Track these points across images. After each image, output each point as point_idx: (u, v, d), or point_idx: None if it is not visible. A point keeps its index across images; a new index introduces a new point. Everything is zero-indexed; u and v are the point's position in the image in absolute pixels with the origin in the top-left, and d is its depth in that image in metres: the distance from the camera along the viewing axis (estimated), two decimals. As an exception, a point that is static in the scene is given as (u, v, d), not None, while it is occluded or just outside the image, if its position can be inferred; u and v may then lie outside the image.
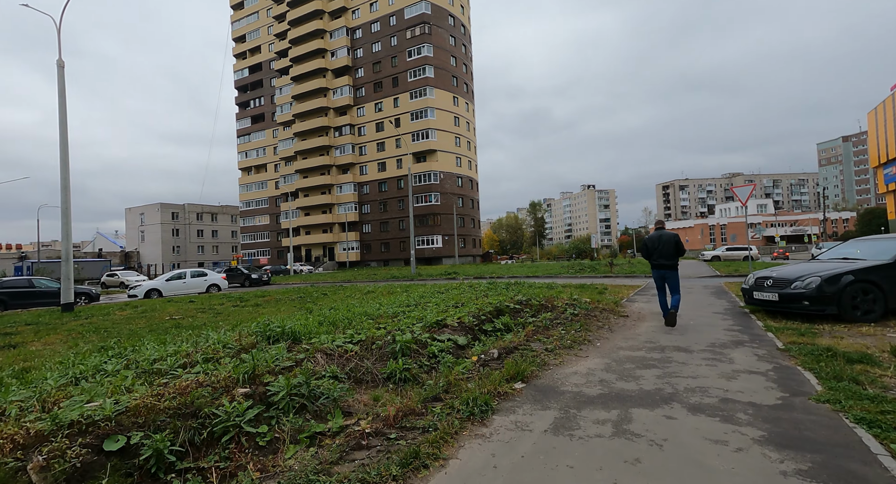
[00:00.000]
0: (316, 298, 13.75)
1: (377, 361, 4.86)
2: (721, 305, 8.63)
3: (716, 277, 17.83)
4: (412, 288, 14.95)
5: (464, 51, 60.72)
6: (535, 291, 10.73)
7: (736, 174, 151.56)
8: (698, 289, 12.37)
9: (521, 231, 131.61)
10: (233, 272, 29.18)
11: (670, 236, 6.86)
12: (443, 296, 10.33)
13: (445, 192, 55.33)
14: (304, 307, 9.97)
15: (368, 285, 18.94)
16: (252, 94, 71.49)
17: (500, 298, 8.39)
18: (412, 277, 25.88)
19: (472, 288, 12.00)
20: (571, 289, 12.02)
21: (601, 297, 9.78)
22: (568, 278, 20.07)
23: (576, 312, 7.16)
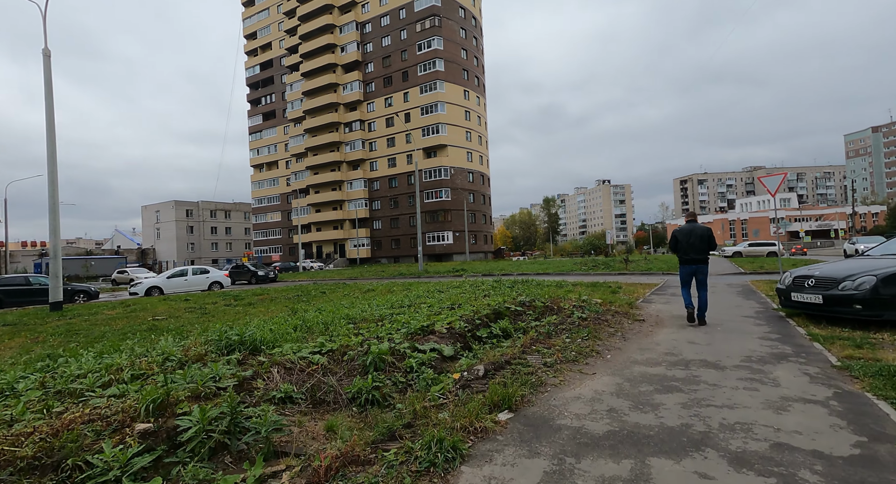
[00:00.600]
0: (313, 297, 13.13)
1: (345, 376, 4.12)
2: (751, 307, 7.66)
3: (740, 275, 16.65)
4: (414, 286, 14.22)
5: (475, 43, 59.54)
6: (542, 290, 9.88)
7: (757, 167, 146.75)
8: (722, 287, 11.33)
9: (534, 227, 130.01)
10: (239, 269, 28.92)
11: (702, 230, 6.45)
12: (441, 295, 9.58)
13: (456, 188, 54.45)
14: (294, 307, 9.32)
15: (372, 283, 18.30)
16: (263, 91, 71.58)
17: (502, 299, 7.59)
18: (419, 274, 25.19)
19: (476, 287, 11.21)
20: (582, 288, 11.13)
21: (614, 297, 8.88)
22: (580, 276, 19.08)
23: (584, 316, 6.31)
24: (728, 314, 7.02)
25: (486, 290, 10.26)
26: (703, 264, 6.44)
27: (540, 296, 7.82)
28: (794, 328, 5.68)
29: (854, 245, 22.69)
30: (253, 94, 72.94)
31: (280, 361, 4.11)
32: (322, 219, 62.50)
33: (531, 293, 8.17)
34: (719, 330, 5.78)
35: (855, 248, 22.30)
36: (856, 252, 22.31)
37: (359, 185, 61.23)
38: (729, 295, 9.64)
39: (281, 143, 69.66)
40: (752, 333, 5.54)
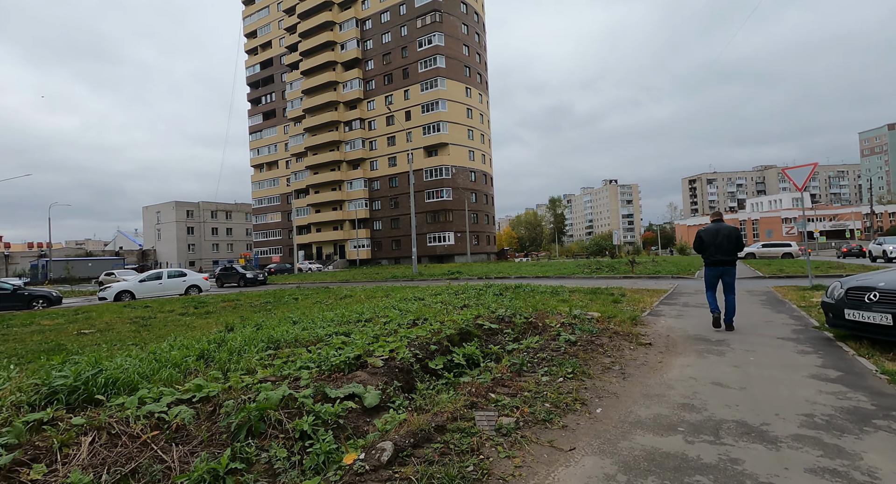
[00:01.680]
0: (282, 304, 11.83)
1: (205, 444, 2.77)
2: (784, 323, 6.21)
3: (759, 279, 15.09)
4: (397, 291, 12.89)
5: (477, 40, 58.17)
6: (533, 299, 8.49)
7: (769, 167, 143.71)
8: (742, 295, 9.84)
9: (540, 228, 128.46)
10: (227, 272, 27.79)
11: (730, 230, 6.09)
12: (417, 305, 8.23)
13: (458, 188, 53.09)
14: (232, 322, 8.01)
15: (357, 287, 16.98)
16: (264, 90, 70.81)
17: (477, 312, 6.21)
18: (412, 276, 23.85)
19: (457, 294, 9.84)
20: (580, 295, 9.71)
21: (615, 309, 7.46)
22: (581, 280, 17.61)
23: (573, 339, 4.90)
24: (759, 333, 5.58)
25: (468, 298, 8.89)
26: (731, 266, 6.04)
27: (524, 309, 6.41)
28: (855, 360, 4.23)
29: (881, 245, 20.97)
30: (253, 93, 72.20)
31: (106, 423, 2.77)
32: (322, 219, 61.47)
33: (514, 306, 6.78)
34: (753, 361, 4.34)
35: (882, 248, 20.59)
36: (884, 254, 20.60)
37: (359, 185, 60.11)
38: (753, 305, 8.16)
39: (281, 143, 68.79)
40: (800, 366, 4.11)
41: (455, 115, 53.71)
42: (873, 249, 21.69)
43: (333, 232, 61.20)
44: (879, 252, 20.98)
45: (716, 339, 5.28)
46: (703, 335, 5.50)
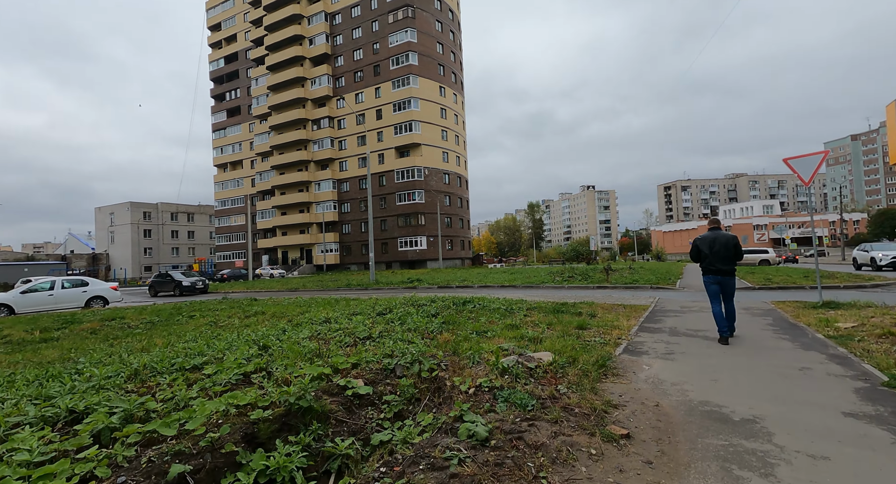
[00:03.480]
0: (169, 325, 9.22)
1: None
2: (831, 375, 4.11)
3: (749, 290, 13.26)
4: (321, 306, 10.47)
5: (451, 38, 56.35)
6: (475, 323, 6.21)
7: (740, 175, 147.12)
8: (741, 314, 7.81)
9: (519, 233, 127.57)
10: (161, 280, 24.68)
11: (727, 238, 5.80)
12: (306, 332, 5.86)
13: (430, 190, 50.85)
14: (41, 356, 5.44)
15: (291, 298, 14.40)
16: (228, 85, 67.18)
17: (363, 356, 3.86)
18: (367, 285, 21.35)
19: (383, 314, 7.50)
20: (539, 315, 7.51)
21: (578, 342, 5.24)
22: (550, 290, 15.50)
23: (484, 433, 2.58)
24: (807, 400, 3.39)
25: (390, 320, 6.57)
26: (731, 276, 5.73)
27: (422, 355, 4.08)
28: None
29: (868, 252, 19.63)
30: (217, 88, 68.44)
31: None
32: (288, 222, 58.21)
33: (417, 349, 4.44)
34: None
35: (870, 255, 19.24)
36: (871, 261, 19.28)
37: (327, 187, 57.17)
38: (765, 333, 6.08)
39: (246, 141, 65.24)
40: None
41: (428, 115, 51.59)
42: (858, 255, 20.45)
43: (300, 235, 57.97)
44: (866, 259, 19.70)
45: (741, 415, 3.07)
46: (715, 405, 3.29)
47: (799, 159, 8.62)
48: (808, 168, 8.50)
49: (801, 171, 8.58)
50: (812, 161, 8.45)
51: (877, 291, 12.24)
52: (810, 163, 8.48)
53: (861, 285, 13.11)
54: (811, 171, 8.46)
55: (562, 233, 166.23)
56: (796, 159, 8.64)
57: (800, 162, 8.60)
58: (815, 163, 8.41)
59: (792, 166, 8.67)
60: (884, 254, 18.45)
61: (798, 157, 8.63)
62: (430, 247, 50.53)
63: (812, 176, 8.47)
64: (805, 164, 8.55)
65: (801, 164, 8.60)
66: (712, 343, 5.45)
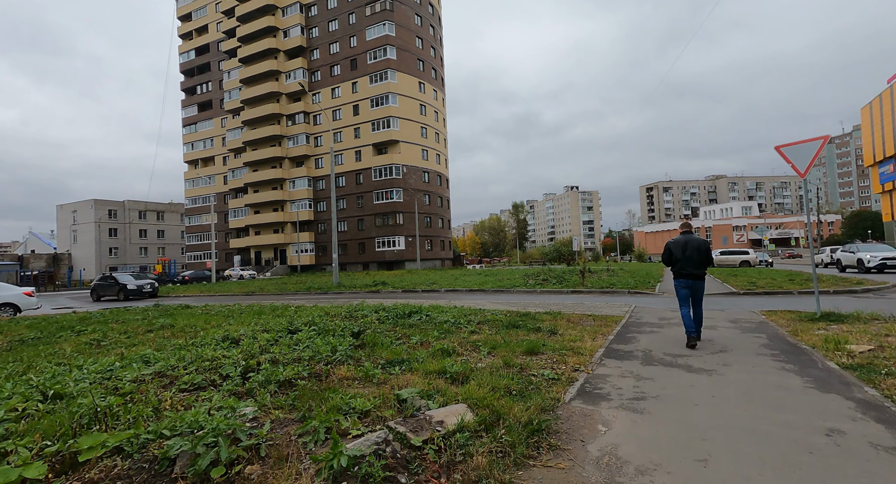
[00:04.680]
0: (35, 346, 7.52)
1: None
2: (853, 429, 2.80)
3: (733, 296, 12.12)
4: (247, 317, 8.90)
5: (432, 33, 54.86)
6: (400, 347, 4.74)
7: (719, 176, 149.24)
8: (727, 329, 6.57)
9: (503, 233, 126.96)
10: (105, 283, 22.59)
11: (699, 242, 5.70)
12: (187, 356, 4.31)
13: (409, 189, 49.25)
14: None
15: (232, 303, 12.70)
16: (199, 78, 64.37)
17: (136, 433, 2.35)
18: (329, 289, 19.72)
19: (294, 332, 5.98)
20: (491, 330, 6.09)
21: (520, 379, 3.84)
22: (521, 295, 14.16)
23: None
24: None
25: (288, 344, 5.06)
26: (701, 280, 5.70)
27: (261, 421, 2.59)
28: None
29: (855, 254, 18.78)
30: (188, 81, 65.56)
31: None
32: (261, 221, 55.90)
33: (227, 425, 2.93)
34: None
35: (857, 257, 18.39)
36: (858, 263, 18.43)
37: (302, 184, 55.09)
38: (761, 361, 4.76)
39: (218, 137, 62.56)
40: None
41: (407, 111, 50.01)
42: (843, 257, 19.64)
43: (274, 235, 55.75)
44: (852, 261, 18.86)
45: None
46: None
47: (793, 147, 7.39)
48: (805, 157, 7.28)
49: (795, 160, 7.36)
50: (808, 148, 7.23)
51: (869, 296, 11.21)
52: (807, 151, 7.25)
53: (852, 290, 12.10)
54: (808, 161, 7.24)
55: (546, 233, 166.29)
56: (790, 147, 7.41)
57: (794, 150, 7.37)
58: (812, 151, 7.19)
59: (785, 155, 7.44)
60: (872, 255, 17.60)
61: (792, 145, 7.41)
62: (409, 247, 48.96)
63: (809, 166, 7.25)
64: (800, 152, 7.32)
65: (795, 152, 7.37)
66: (697, 378, 4.09)
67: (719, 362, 4.63)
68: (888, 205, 54.62)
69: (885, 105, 50.94)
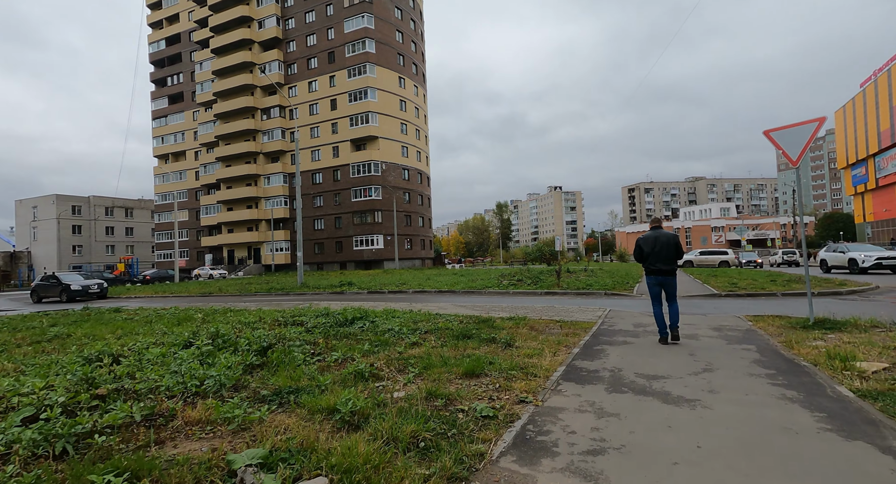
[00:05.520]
0: None
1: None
2: None
3: (714, 298, 11.34)
4: (162, 326, 7.65)
5: (412, 27, 53.64)
6: (268, 380, 3.60)
7: (699, 178, 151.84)
8: (709, 339, 5.67)
9: (487, 233, 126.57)
10: (46, 283, 20.78)
11: (669, 237, 5.69)
12: None
13: (388, 186, 47.95)
14: None
15: (171, 306, 11.36)
16: (170, 69, 61.74)
17: None
18: (291, 290, 18.40)
19: (187, 346, 4.79)
20: (425, 347, 5.02)
21: (438, 416, 2.75)
22: (492, 296, 13.18)
23: None
24: None
25: (183, 362, 3.89)
26: (672, 275, 5.62)
27: None
28: None
29: (845, 254, 17.94)
30: (158, 72, 62.83)
31: None
32: (234, 218, 53.85)
33: None
34: None
35: (848, 257, 17.61)
36: (851, 264, 17.65)
37: (277, 181, 53.25)
38: (754, 385, 3.82)
39: (190, 131, 60.12)
40: None
41: (386, 107, 48.71)
42: (830, 257, 18.81)
43: (248, 233, 53.80)
44: (842, 261, 17.99)
45: None
46: None
47: (784, 131, 6.53)
48: (797, 142, 6.42)
49: (786, 145, 6.50)
50: (801, 133, 6.37)
51: (855, 298, 10.57)
52: (799, 135, 6.40)
53: (836, 292, 11.47)
54: (800, 146, 6.38)
55: (529, 233, 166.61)
56: (781, 131, 6.55)
57: (785, 134, 6.51)
58: (805, 135, 6.34)
59: (774, 140, 6.58)
60: (866, 255, 16.84)
61: (783, 129, 6.55)
62: (388, 246, 47.68)
63: (802, 152, 6.39)
64: (792, 137, 6.47)
65: (786, 136, 6.51)
66: (676, 413, 3.11)
67: (704, 387, 3.65)
68: (860, 207, 55.83)
69: (857, 109, 51.99)
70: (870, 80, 46.97)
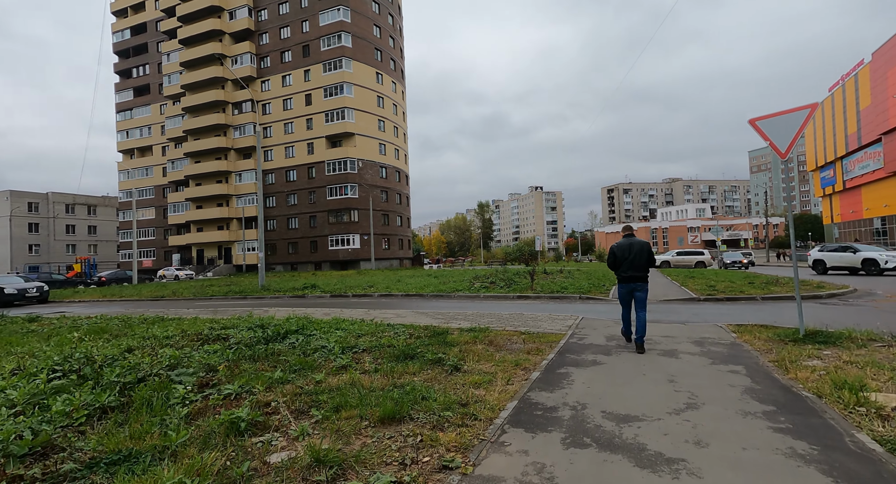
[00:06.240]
0: None
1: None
2: None
3: (693, 302, 10.71)
4: (35, 343, 6.46)
5: (391, 21, 52.41)
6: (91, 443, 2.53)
7: (675, 179, 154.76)
8: (687, 356, 4.91)
9: (469, 232, 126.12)
10: (-23, 285, 18.87)
11: (642, 245, 5.74)
12: None
13: (365, 184, 46.63)
14: None
15: (96, 313, 10.06)
16: (135, 60, 58.83)
17: None
18: (250, 293, 17.13)
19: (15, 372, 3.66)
20: (350, 374, 4.04)
21: (358, 455, 1.79)
22: (460, 300, 12.29)
23: None
24: None
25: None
26: (643, 282, 5.72)
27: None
28: None
29: (857, 254, 16.98)
30: (122, 63, 59.80)
31: None
32: (204, 217, 51.57)
33: None
34: None
35: (863, 257, 16.62)
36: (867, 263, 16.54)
37: (250, 178, 51.22)
38: (748, 430, 3.01)
39: (157, 125, 57.38)
40: None
41: (363, 103, 47.35)
42: (830, 258, 17.56)
43: (218, 232, 51.57)
44: (849, 263, 16.89)
45: None
46: None
47: (771, 120, 5.82)
48: (786, 132, 5.71)
49: (774, 136, 5.79)
50: (790, 121, 5.66)
51: (836, 303, 10.09)
52: (788, 124, 5.68)
53: (816, 295, 11.01)
54: (790, 137, 5.68)
55: (511, 233, 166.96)
56: (768, 119, 5.84)
57: (773, 123, 5.79)
58: (795, 123, 5.63)
59: (761, 129, 5.86)
60: (889, 255, 15.97)
61: (770, 117, 5.83)
62: (365, 246, 46.38)
63: (792, 143, 5.68)
64: (780, 126, 5.75)
65: (774, 125, 5.79)
66: (654, 482, 2.23)
67: (689, 435, 2.81)
68: (828, 208, 57.32)
69: (826, 113, 53.30)
70: (837, 85, 48.10)
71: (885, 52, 37.53)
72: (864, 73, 40.81)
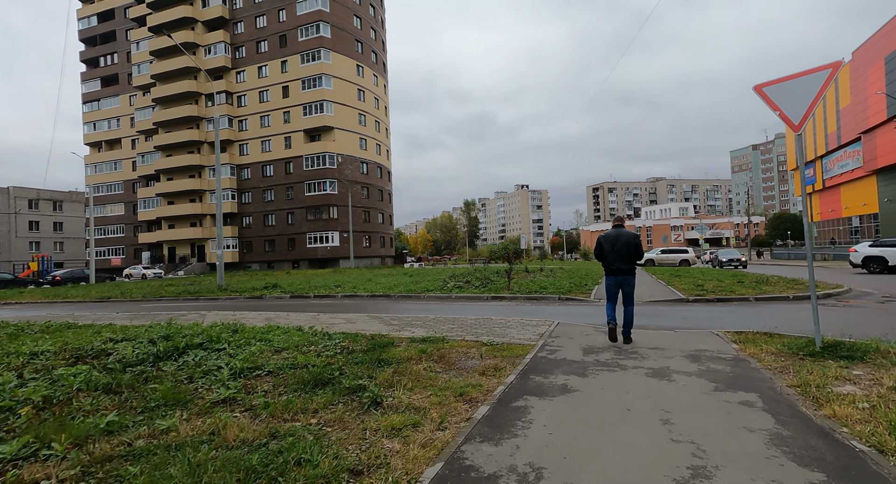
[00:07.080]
0: None
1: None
2: None
3: (682, 304, 9.73)
4: None
5: (372, 13, 50.86)
6: None
7: (659, 179, 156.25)
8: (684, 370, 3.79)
9: (455, 231, 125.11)
10: None
11: (629, 236, 5.59)
12: None
13: (344, 180, 45.09)
14: None
15: (4, 322, 8.62)
16: (103, 48, 56.03)
17: None
18: (204, 294, 15.68)
19: None
20: (222, 417, 2.72)
21: None
22: (430, 302, 11.13)
23: None
24: None
25: None
26: (631, 275, 5.60)
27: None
28: None
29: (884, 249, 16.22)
30: (89, 51, 56.92)
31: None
32: (176, 213, 49.33)
33: None
34: None
35: None
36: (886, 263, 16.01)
37: (224, 173, 49.09)
38: None
39: (126, 117, 54.76)
40: None
41: (343, 96, 45.77)
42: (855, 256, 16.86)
43: (191, 229, 49.41)
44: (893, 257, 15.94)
45: None
46: None
47: (782, 84, 4.76)
48: (800, 100, 4.66)
49: (785, 105, 4.73)
50: (805, 85, 4.61)
51: (835, 304, 9.24)
52: (802, 89, 4.63)
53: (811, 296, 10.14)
54: (805, 106, 4.63)
55: (497, 231, 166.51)
56: (778, 84, 4.78)
57: (784, 89, 4.74)
58: (812, 88, 4.58)
59: (769, 96, 4.80)
60: None
61: (781, 81, 4.77)
62: (344, 244, 44.87)
63: (807, 113, 4.64)
64: (792, 93, 4.70)
65: (784, 92, 4.74)
66: None
67: None
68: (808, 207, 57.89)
69: (807, 112, 53.82)
70: (820, 84, 48.28)
71: (865, 50, 37.56)
72: (844, 73, 40.89)
